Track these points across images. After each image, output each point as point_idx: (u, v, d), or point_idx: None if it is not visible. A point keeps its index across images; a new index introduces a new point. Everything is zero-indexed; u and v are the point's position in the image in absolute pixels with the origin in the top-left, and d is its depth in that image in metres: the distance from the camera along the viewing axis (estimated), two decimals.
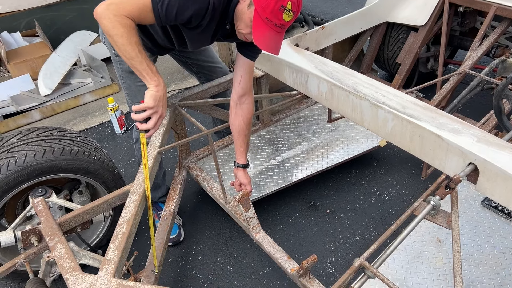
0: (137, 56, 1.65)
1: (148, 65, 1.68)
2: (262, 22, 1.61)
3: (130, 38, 1.62)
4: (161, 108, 1.71)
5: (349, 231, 2.50)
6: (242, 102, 2.10)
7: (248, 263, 2.36)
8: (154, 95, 1.68)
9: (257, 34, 1.65)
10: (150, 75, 1.68)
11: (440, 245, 2.07)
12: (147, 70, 1.68)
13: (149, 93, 1.68)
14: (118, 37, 1.61)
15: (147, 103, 1.67)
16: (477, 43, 2.79)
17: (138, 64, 1.67)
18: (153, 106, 1.67)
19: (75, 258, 1.88)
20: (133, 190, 1.82)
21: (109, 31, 1.61)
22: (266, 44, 1.68)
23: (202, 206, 2.74)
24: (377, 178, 2.85)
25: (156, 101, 1.68)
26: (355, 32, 3.04)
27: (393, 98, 1.93)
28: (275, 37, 1.67)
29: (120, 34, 1.60)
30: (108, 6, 1.60)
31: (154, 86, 1.69)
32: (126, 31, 1.60)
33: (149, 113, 1.68)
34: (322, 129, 2.89)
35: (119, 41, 1.62)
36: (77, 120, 3.79)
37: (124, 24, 1.60)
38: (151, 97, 1.67)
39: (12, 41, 4.49)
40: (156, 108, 1.68)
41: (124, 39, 1.61)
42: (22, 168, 1.85)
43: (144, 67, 1.67)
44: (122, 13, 1.59)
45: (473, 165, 1.61)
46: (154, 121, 1.70)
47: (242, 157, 2.18)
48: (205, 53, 2.44)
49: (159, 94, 1.68)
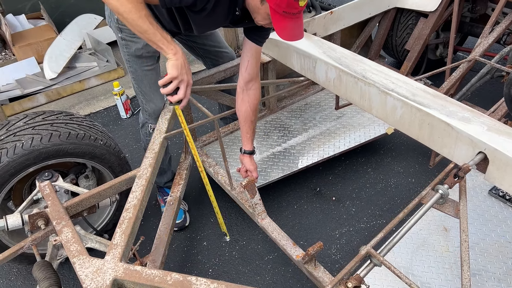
0: (150, 28, 1.63)
1: (162, 34, 1.66)
2: (281, 16, 1.62)
3: (139, 12, 1.61)
4: (186, 75, 1.71)
5: (354, 218, 2.49)
6: (248, 88, 2.08)
7: (253, 249, 2.37)
8: (175, 64, 1.67)
9: (280, 29, 1.65)
10: (166, 44, 1.67)
11: (446, 233, 2.06)
12: (162, 40, 1.66)
13: (170, 63, 1.68)
14: (127, 13, 1.60)
15: (171, 73, 1.67)
16: (488, 30, 2.74)
17: (152, 36, 1.65)
18: (177, 75, 1.68)
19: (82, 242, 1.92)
20: (140, 175, 1.81)
21: (118, 9, 1.60)
22: (292, 35, 1.70)
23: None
24: (383, 165, 2.83)
25: (179, 69, 1.67)
26: (363, 17, 3.00)
27: (402, 85, 1.90)
28: (297, 24, 1.69)
29: (128, 10, 1.59)
30: None
31: (173, 55, 1.68)
32: (133, 6, 1.59)
33: (175, 83, 1.69)
34: (328, 116, 2.87)
35: (129, 17, 1.61)
36: (82, 104, 3.79)
37: (130, 0, 1.59)
38: (172, 67, 1.67)
39: (17, 23, 4.47)
40: (180, 76, 1.69)
41: (133, 14, 1.60)
42: (29, 152, 1.85)
43: (159, 38, 1.66)
44: None
45: (483, 154, 1.59)
46: (183, 90, 1.71)
47: (249, 144, 2.17)
48: (212, 37, 2.41)
49: (179, 62, 1.68)
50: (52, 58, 4.03)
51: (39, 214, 1.68)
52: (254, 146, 2.25)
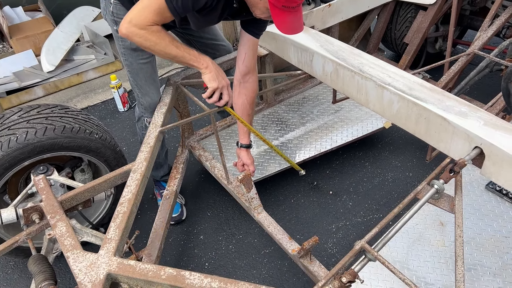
0: (178, 53, 1.73)
1: (189, 53, 1.76)
2: (280, 10, 1.62)
3: (164, 42, 1.69)
4: (223, 80, 1.83)
5: (351, 212, 2.49)
6: (245, 81, 2.07)
7: (249, 242, 2.37)
8: (211, 76, 1.79)
9: (280, 23, 1.66)
10: (196, 61, 1.78)
11: (442, 228, 2.06)
12: (192, 59, 1.77)
13: (206, 77, 1.80)
14: (154, 46, 1.69)
15: (211, 86, 1.80)
16: (487, 23, 2.71)
17: (182, 59, 1.76)
18: (217, 86, 1.81)
19: (77, 236, 1.91)
20: (135, 169, 1.81)
21: (143, 45, 1.69)
22: (292, 28, 1.72)
23: (205, 186, 2.74)
24: (381, 160, 2.83)
25: (216, 80, 1.80)
26: (362, 10, 2.97)
27: (399, 79, 1.89)
28: (296, 17, 1.69)
29: (154, 43, 1.68)
30: (130, 23, 1.63)
31: (205, 68, 1.79)
32: (157, 37, 1.66)
33: (218, 92, 1.83)
34: (326, 110, 2.85)
35: (156, 49, 1.70)
36: (80, 97, 3.77)
37: (152, 33, 1.65)
38: (210, 80, 1.79)
39: (14, 16, 4.44)
40: (220, 84, 1.81)
41: (160, 45, 1.69)
42: (23, 146, 1.84)
43: (188, 58, 1.76)
44: (145, 23, 1.63)
45: (479, 149, 1.58)
46: (226, 94, 1.85)
47: (245, 137, 2.17)
48: (209, 30, 2.39)
49: (213, 74, 1.79)
50: (50, 51, 4.01)
51: (34, 208, 1.67)
52: (251, 139, 2.24)
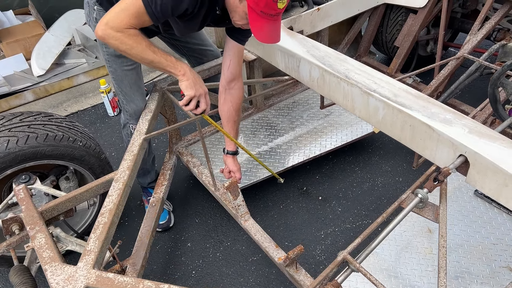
0: (155, 58, 1.69)
1: (166, 59, 1.72)
2: (258, 16, 1.59)
3: (140, 46, 1.64)
4: (201, 88, 1.79)
5: (340, 218, 2.47)
6: (231, 87, 2.05)
7: (237, 250, 2.35)
8: (188, 84, 1.75)
9: (256, 29, 1.62)
10: (173, 68, 1.73)
11: (431, 235, 2.04)
12: (169, 65, 1.73)
13: (183, 85, 1.76)
14: (130, 50, 1.64)
15: (188, 94, 1.76)
16: (477, 27, 2.70)
17: (159, 65, 1.72)
18: (194, 94, 1.77)
19: (61, 245, 1.89)
20: (117, 178, 1.78)
21: (119, 48, 1.65)
22: (267, 37, 1.68)
23: (193, 192, 2.72)
24: (371, 164, 2.81)
25: (193, 87, 1.76)
26: (352, 14, 2.95)
27: (385, 85, 1.87)
28: (274, 26, 1.66)
29: (130, 47, 1.63)
30: (106, 25, 1.59)
31: (182, 75, 1.75)
32: (134, 41, 1.62)
33: (195, 100, 1.79)
34: (316, 114, 2.84)
35: (132, 53, 1.66)
36: (70, 101, 3.75)
37: (129, 36, 1.61)
38: (187, 88, 1.75)
39: (4, 19, 4.41)
40: (197, 92, 1.78)
41: (136, 49, 1.64)
42: (4, 155, 1.82)
43: (165, 64, 1.72)
44: (122, 26, 1.59)
45: (464, 157, 1.56)
46: (204, 102, 1.82)
47: (232, 144, 2.15)
48: (196, 36, 2.37)
49: (190, 81, 1.75)
50: (40, 55, 3.98)
51: (13, 219, 1.65)
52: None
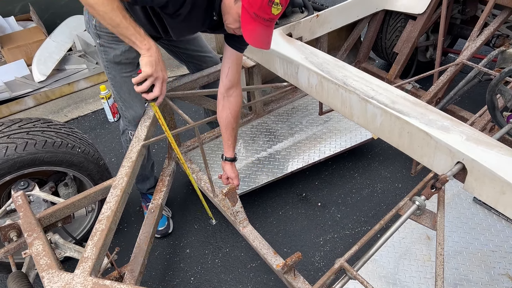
0: (122, 22, 1.57)
1: (135, 29, 1.60)
2: (251, 18, 1.56)
3: (111, 4, 1.54)
4: (161, 71, 1.65)
5: (339, 225, 2.47)
6: (229, 95, 2.05)
7: (236, 256, 2.34)
8: (149, 61, 1.61)
9: (247, 31, 1.60)
10: (139, 39, 1.61)
11: (429, 242, 2.03)
12: (135, 35, 1.60)
13: (144, 60, 1.61)
14: (99, 5, 1.53)
15: (145, 71, 1.61)
16: (476, 33, 2.70)
17: (125, 30, 1.59)
18: (152, 73, 1.62)
19: (59, 252, 1.89)
20: (115, 185, 1.78)
21: (88, 1, 1.54)
22: (257, 41, 1.64)
23: (193, 198, 2.72)
24: (370, 170, 2.80)
25: (153, 65, 1.62)
26: (351, 20, 2.96)
27: (383, 92, 1.87)
28: (265, 31, 1.63)
29: (100, 2, 1.53)
30: None
31: (146, 50, 1.62)
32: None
33: (150, 80, 1.63)
34: (315, 120, 2.84)
35: (101, 9, 1.54)
36: (71, 107, 3.76)
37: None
38: (147, 64, 1.61)
39: (6, 25, 4.43)
40: (155, 73, 1.63)
41: (105, 6, 1.53)
42: (3, 161, 1.82)
43: (132, 32, 1.60)
44: None
45: (461, 164, 1.56)
46: (159, 87, 1.66)
47: (230, 151, 2.15)
48: (195, 42, 2.38)
49: (153, 58, 1.62)
50: (41, 61, 4.00)
51: (11, 226, 1.65)
52: (236, 153, 2.22)
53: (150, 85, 1.64)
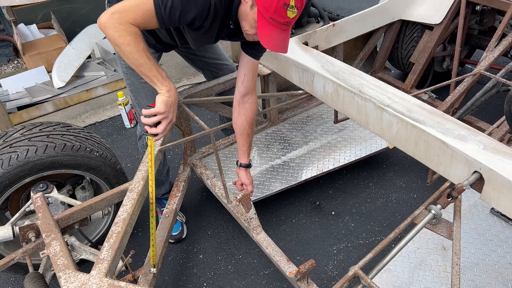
0: (146, 63, 1.62)
1: (157, 70, 1.66)
2: (267, 22, 1.58)
3: (137, 45, 1.59)
4: (172, 113, 1.69)
5: (353, 234, 2.45)
6: (245, 102, 2.07)
7: (249, 263, 2.34)
8: (166, 101, 1.65)
9: (263, 35, 1.62)
10: (160, 80, 1.66)
11: (445, 253, 2.01)
12: (157, 76, 1.65)
13: (161, 99, 1.65)
14: (125, 45, 1.58)
15: (159, 108, 1.64)
16: (494, 43, 2.68)
17: (148, 71, 1.64)
18: (164, 112, 1.65)
19: (75, 254, 1.92)
20: (132, 188, 1.81)
21: (116, 40, 1.59)
22: (274, 45, 1.66)
23: (207, 204, 2.73)
24: (385, 180, 2.79)
25: (168, 106, 1.65)
26: (367, 30, 2.97)
27: (399, 101, 1.87)
28: (282, 35, 1.64)
29: (127, 42, 1.58)
30: (112, 15, 1.56)
31: (166, 91, 1.66)
32: (132, 38, 1.57)
33: (159, 118, 1.66)
34: (330, 129, 2.84)
35: (127, 50, 1.60)
36: (88, 113, 3.82)
37: (130, 32, 1.57)
38: (162, 103, 1.65)
39: (28, 33, 4.55)
40: (167, 113, 1.66)
41: (132, 47, 1.58)
42: (24, 163, 1.86)
43: (154, 73, 1.65)
44: (127, 20, 1.56)
45: (478, 174, 1.55)
46: (163, 126, 1.68)
47: (244, 157, 2.16)
48: (211, 50, 2.42)
49: (171, 100, 1.66)
50: (61, 67, 4.09)
51: (30, 227, 1.69)
52: (251, 159, 2.24)
53: (157, 122, 1.67)
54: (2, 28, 4.75)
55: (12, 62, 4.79)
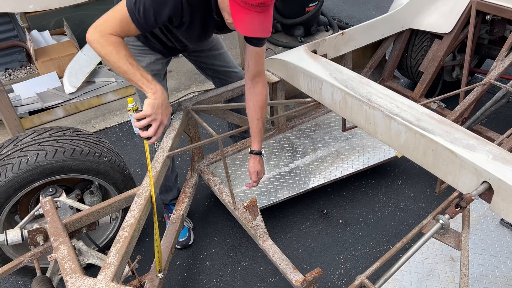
0: (129, 69, 1.68)
1: (142, 75, 1.70)
2: (239, 6, 1.55)
3: (118, 54, 1.66)
4: (160, 115, 1.72)
5: (360, 243, 2.44)
6: (254, 86, 2.04)
7: (255, 270, 2.34)
8: (152, 103, 1.70)
9: (237, 21, 1.59)
10: (145, 84, 1.71)
11: (453, 263, 1.99)
12: (142, 80, 1.70)
13: (147, 101, 1.70)
14: (108, 56, 1.66)
15: (145, 111, 1.70)
16: (504, 53, 2.66)
17: (132, 76, 1.70)
18: (150, 114, 1.70)
19: (82, 258, 1.93)
20: (139, 194, 1.82)
21: (100, 53, 1.67)
22: (249, 29, 1.63)
23: (214, 210, 2.74)
24: (393, 189, 2.77)
25: (154, 108, 1.70)
26: (376, 38, 2.97)
27: (407, 109, 1.86)
28: (258, 18, 1.58)
29: (109, 52, 1.65)
30: (95, 29, 1.65)
31: (152, 93, 1.70)
32: (113, 48, 1.65)
33: (148, 120, 1.71)
34: (338, 137, 2.83)
35: (110, 60, 1.67)
36: (98, 118, 3.86)
37: (110, 42, 1.64)
38: (148, 105, 1.70)
39: (41, 39, 4.62)
40: (154, 115, 1.71)
41: (114, 56, 1.66)
42: (33, 168, 1.89)
43: (138, 78, 1.70)
44: (107, 31, 1.64)
45: (487, 184, 1.53)
46: (154, 128, 1.73)
47: (254, 143, 2.15)
48: (221, 58, 2.43)
49: (157, 102, 1.70)
50: (72, 73, 4.13)
51: (38, 230, 1.70)
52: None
53: (147, 124, 1.72)
54: (15, 34, 4.82)
55: (24, 67, 4.86)
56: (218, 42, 2.37)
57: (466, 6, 2.86)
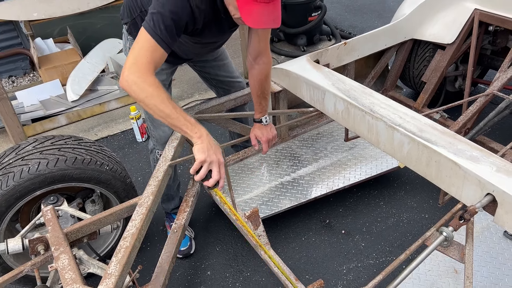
0: (172, 113, 1.60)
1: (185, 118, 1.63)
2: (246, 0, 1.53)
3: (160, 96, 1.57)
4: (215, 155, 1.65)
5: (363, 254, 2.42)
6: (256, 63, 2.05)
7: (257, 281, 2.32)
8: (201, 147, 1.63)
9: (245, 14, 1.56)
10: (190, 128, 1.63)
11: (457, 276, 1.97)
12: (186, 124, 1.63)
13: (196, 148, 1.64)
14: (149, 98, 1.56)
15: (198, 158, 1.63)
16: (507, 64, 2.66)
17: (176, 121, 1.62)
18: (205, 159, 1.63)
19: (83, 268, 1.92)
20: (141, 203, 1.81)
21: (139, 96, 1.57)
22: (258, 21, 1.58)
23: (215, 219, 2.73)
24: (396, 199, 2.75)
25: (205, 151, 1.63)
26: (378, 48, 2.97)
27: (410, 120, 1.86)
28: (266, 10, 1.55)
29: (150, 95, 1.56)
30: (129, 70, 1.55)
31: (197, 138, 1.64)
32: (154, 89, 1.56)
33: (206, 166, 1.64)
34: (340, 147, 2.83)
35: (151, 102, 1.57)
36: (101, 126, 3.86)
37: (150, 83, 1.55)
38: (199, 151, 1.63)
39: (45, 47, 4.64)
40: (208, 158, 1.63)
41: (155, 98, 1.56)
42: (35, 176, 1.88)
43: (183, 123, 1.63)
44: (143, 70, 1.54)
45: (491, 196, 1.52)
46: (216, 171, 1.65)
47: (257, 113, 2.17)
48: (225, 68, 2.44)
49: (204, 145, 1.64)
50: (75, 81, 4.15)
51: (39, 239, 1.69)
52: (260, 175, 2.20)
53: (207, 171, 1.64)
54: (19, 42, 4.85)
55: (28, 75, 4.88)
56: (223, 52, 2.39)
57: (469, 17, 2.87)
